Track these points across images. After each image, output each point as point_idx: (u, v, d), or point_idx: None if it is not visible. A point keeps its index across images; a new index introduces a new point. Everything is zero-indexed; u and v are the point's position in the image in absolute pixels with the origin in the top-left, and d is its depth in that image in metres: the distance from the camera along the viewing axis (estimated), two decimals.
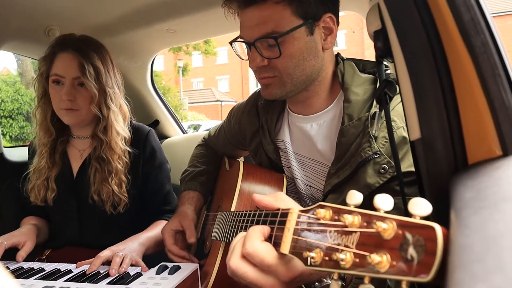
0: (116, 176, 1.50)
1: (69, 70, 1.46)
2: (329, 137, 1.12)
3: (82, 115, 1.50)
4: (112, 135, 1.51)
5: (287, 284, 0.66)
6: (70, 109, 1.47)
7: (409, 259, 0.43)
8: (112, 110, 1.52)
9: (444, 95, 0.58)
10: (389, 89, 0.79)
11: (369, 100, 1.05)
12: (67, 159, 1.60)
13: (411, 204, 0.45)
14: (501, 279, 0.23)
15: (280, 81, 1.07)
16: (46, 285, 1.10)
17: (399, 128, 0.97)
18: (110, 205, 1.51)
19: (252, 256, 0.65)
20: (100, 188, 1.50)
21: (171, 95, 20.12)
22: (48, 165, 1.54)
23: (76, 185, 1.57)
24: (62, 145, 1.59)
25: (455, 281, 0.27)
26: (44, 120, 1.54)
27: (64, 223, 1.59)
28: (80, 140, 1.61)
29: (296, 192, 1.22)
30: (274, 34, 1.00)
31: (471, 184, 0.46)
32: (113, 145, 1.51)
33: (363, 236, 0.50)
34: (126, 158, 1.54)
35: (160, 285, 1.05)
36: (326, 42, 1.07)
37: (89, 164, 1.55)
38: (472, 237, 0.31)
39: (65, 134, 1.60)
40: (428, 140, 0.61)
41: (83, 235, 1.57)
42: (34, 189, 1.55)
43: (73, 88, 1.47)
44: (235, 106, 1.48)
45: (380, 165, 0.97)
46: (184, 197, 1.45)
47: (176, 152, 2.28)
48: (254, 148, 1.32)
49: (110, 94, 1.52)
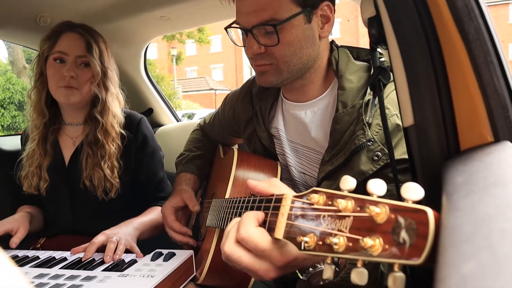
0: (109, 160, 1.51)
1: (74, 48, 1.47)
2: (323, 124, 1.12)
3: (81, 94, 1.49)
4: (108, 117, 1.52)
5: (281, 269, 0.67)
6: (70, 87, 1.47)
7: (401, 243, 0.44)
8: (110, 92, 1.54)
9: (438, 82, 0.58)
10: (383, 76, 0.80)
11: (363, 88, 1.05)
12: (58, 148, 1.59)
13: (403, 189, 0.45)
14: (489, 257, 0.23)
15: (277, 68, 1.06)
16: (41, 273, 1.11)
17: (392, 116, 0.97)
18: (101, 190, 1.51)
19: (246, 241, 0.65)
20: (92, 174, 1.50)
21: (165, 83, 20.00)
22: (40, 151, 1.54)
23: (68, 173, 1.57)
24: (53, 134, 1.58)
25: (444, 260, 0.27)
26: (38, 101, 1.54)
27: (57, 212, 1.59)
28: (72, 127, 1.60)
29: (290, 179, 1.23)
30: (272, 22, 1.00)
31: (462, 169, 0.47)
32: (108, 127, 1.52)
33: (356, 220, 0.51)
34: (119, 141, 1.55)
35: (155, 271, 1.06)
36: (323, 30, 1.07)
37: (80, 150, 1.55)
38: (462, 218, 0.31)
39: (56, 122, 1.60)
40: (421, 126, 0.62)
41: (77, 222, 1.57)
42: (28, 177, 1.54)
43: (76, 66, 1.48)
44: (229, 93, 1.48)
45: (374, 153, 0.97)
46: (180, 178, 1.45)
47: (170, 140, 2.27)
48: (248, 136, 1.32)
49: (110, 76, 1.55)
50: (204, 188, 1.54)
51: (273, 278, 0.68)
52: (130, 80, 2.34)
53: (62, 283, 1.01)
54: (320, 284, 0.79)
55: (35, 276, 1.08)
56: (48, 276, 1.08)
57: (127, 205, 1.61)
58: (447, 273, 0.25)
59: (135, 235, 1.38)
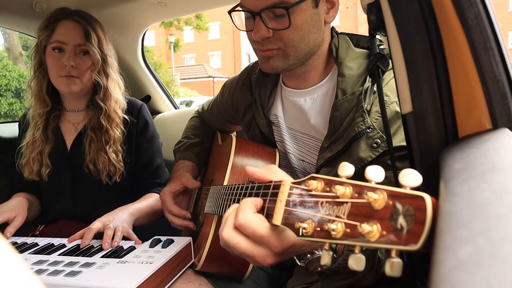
0: (114, 145, 1.52)
1: (72, 36, 1.46)
2: (323, 111, 1.12)
3: (82, 83, 1.50)
4: (111, 103, 1.53)
5: (279, 255, 0.68)
6: (71, 76, 1.47)
7: (399, 229, 0.44)
8: (111, 78, 1.55)
9: (436, 68, 0.58)
10: (382, 63, 0.79)
11: (363, 75, 1.05)
12: (60, 134, 1.59)
13: (401, 175, 0.45)
14: (485, 241, 0.23)
15: (284, 53, 1.05)
16: (40, 259, 1.12)
17: (392, 103, 0.97)
18: (105, 175, 1.52)
19: (244, 227, 0.66)
20: (96, 158, 1.51)
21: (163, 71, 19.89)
22: (41, 138, 1.54)
23: (70, 158, 1.57)
24: (54, 120, 1.59)
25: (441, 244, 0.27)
26: (39, 90, 1.54)
27: (57, 198, 1.59)
28: (73, 114, 1.61)
29: (289, 166, 1.23)
30: (283, 4, 0.98)
31: (460, 156, 0.47)
32: (112, 113, 1.52)
33: (354, 206, 0.51)
34: (122, 127, 1.56)
35: (153, 258, 1.07)
36: (329, 15, 1.06)
37: (83, 135, 1.55)
38: (459, 204, 0.32)
39: (57, 108, 1.60)
40: (420, 113, 0.62)
41: (78, 207, 1.58)
42: (29, 163, 1.55)
43: (75, 55, 1.47)
44: (228, 80, 1.47)
45: (373, 140, 0.98)
46: (179, 165, 1.45)
47: (168, 127, 2.27)
48: (247, 123, 1.32)
49: (110, 63, 1.55)
50: (202, 175, 1.54)
51: (271, 264, 0.69)
52: (127, 67, 2.32)
53: (61, 269, 1.02)
54: (318, 270, 0.80)
55: (34, 262, 1.09)
56: (47, 262, 1.09)
57: (128, 191, 1.62)
58: (444, 257, 0.25)
59: (130, 220, 1.39)
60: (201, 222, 1.30)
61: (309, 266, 0.78)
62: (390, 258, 0.46)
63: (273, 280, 1.28)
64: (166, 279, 1.06)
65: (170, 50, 22.58)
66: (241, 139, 1.25)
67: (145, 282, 0.95)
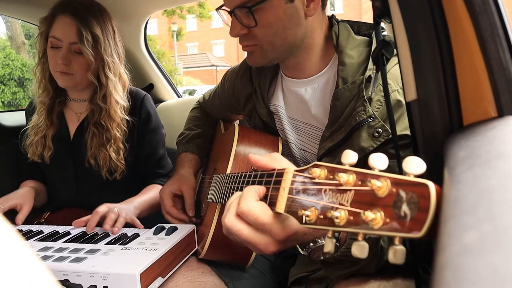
0: (114, 144, 1.52)
1: (67, 34, 1.44)
2: (324, 101, 1.11)
3: (76, 79, 1.49)
4: (111, 103, 1.51)
5: (281, 243, 0.68)
6: (65, 73, 1.47)
7: (402, 216, 0.44)
8: (110, 79, 1.51)
9: (442, 55, 0.57)
10: (386, 50, 0.78)
11: (364, 63, 1.04)
12: (64, 120, 1.61)
13: (405, 163, 0.45)
14: (491, 227, 0.23)
15: (261, 49, 1.06)
16: (45, 246, 1.13)
17: (393, 91, 0.97)
18: (106, 170, 1.53)
19: (246, 215, 0.66)
20: (97, 153, 1.52)
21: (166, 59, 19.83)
22: (46, 123, 1.56)
23: (73, 146, 1.58)
24: (59, 106, 1.60)
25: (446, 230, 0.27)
26: (43, 78, 1.55)
27: (61, 183, 1.61)
28: (76, 103, 1.61)
29: (291, 155, 1.23)
30: (249, 3, 0.98)
31: (465, 144, 0.47)
32: (112, 113, 1.51)
33: (357, 194, 0.51)
34: (124, 126, 1.55)
35: (157, 245, 1.07)
36: (309, 9, 1.03)
37: (86, 127, 1.56)
38: (464, 191, 0.31)
39: (62, 95, 1.61)
40: (424, 101, 0.61)
41: (80, 195, 1.59)
42: (32, 145, 1.57)
43: (70, 53, 1.46)
44: (229, 70, 1.46)
45: (374, 129, 0.97)
46: (182, 159, 1.46)
47: (172, 115, 2.27)
48: (248, 112, 1.32)
49: (108, 63, 1.50)
50: (205, 164, 1.54)
51: (273, 252, 0.69)
52: (130, 56, 2.31)
53: (66, 256, 1.03)
54: (321, 259, 0.80)
55: (39, 249, 1.10)
56: (53, 249, 1.10)
57: (131, 181, 1.62)
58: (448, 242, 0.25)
59: (135, 213, 1.40)
60: (204, 210, 1.30)
61: (312, 255, 0.78)
62: (394, 245, 0.46)
63: (275, 268, 1.29)
64: (169, 266, 1.07)
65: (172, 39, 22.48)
66: (243, 127, 1.25)
67: (149, 268, 0.96)
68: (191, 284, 1.11)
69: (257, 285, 1.20)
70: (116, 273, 0.93)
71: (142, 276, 0.93)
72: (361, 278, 0.90)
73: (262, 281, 1.22)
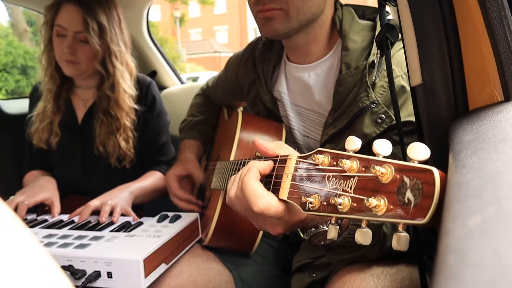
0: (124, 133, 1.53)
1: (72, 23, 1.43)
2: (327, 86, 1.10)
3: (82, 68, 1.49)
4: (119, 93, 1.51)
5: (289, 227, 0.70)
6: (71, 62, 1.46)
7: (406, 203, 0.44)
8: (117, 68, 1.51)
9: (448, 38, 0.56)
10: (391, 34, 0.77)
11: (368, 48, 1.03)
12: (71, 106, 1.61)
13: (409, 149, 0.45)
14: (496, 210, 0.23)
15: (286, 15, 1.02)
16: (50, 233, 1.13)
17: (397, 77, 0.96)
18: (115, 158, 1.54)
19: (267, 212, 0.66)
20: (106, 140, 1.52)
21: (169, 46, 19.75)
22: (53, 109, 1.56)
23: (81, 132, 1.59)
24: (66, 92, 1.60)
25: (450, 215, 0.27)
26: (49, 66, 1.54)
27: (67, 170, 1.61)
28: (83, 90, 1.61)
29: (294, 142, 1.23)
30: None
31: (470, 128, 0.46)
32: (121, 102, 1.51)
33: (361, 180, 0.51)
34: (133, 115, 1.55)
35: (161, 232, 1.08)
36: None
37: (94, 114, 1.56)
38: (469, 175, 0.31)
39: (69, 81, 1.61)
40: (430, 85, 0.60)
41: (87, 183, 1.60)
42: (38, 131, 1.57)
43: (75, 41, 1.45)
44: (232, 56, 1.45)
45: (377, 115, 0.96)
46: (184, 145, 1.46)
47: (175, 102, 2.26)
48: (251, 99, 1.31)
49: (115, 52, 1.50)
50: (208, 150, 1.54)
51: (280, 234, 0.71)
52: (132, 42, 2.29)
53: (70, 242, 1.04)
54: (322, 244, 0.80)
55: (44, 236, 1.11)
56: (57, 236, 1.11)
57: (139, 172, 1.63)
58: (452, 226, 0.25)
59: (130, 199, 1.41)
60: (207, 197, 1.31)
61: (313, 240, 0.79)
62: (397, 232, 0.46)
63: (279, 255, 1.30)
64: (173, 253, 1.08)
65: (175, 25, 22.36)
66: (247, 114, 1.24)
67: (152, 255, 0.97)
68: (195, 270, 1.12)
69: (261, 272, 1.20)
70: (119, 259, 0.93)
71: (146, 262, 0.94)
72: (364, 264, 0.90)
73: (266, 267, 1.23)
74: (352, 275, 0.88)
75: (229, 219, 1.10)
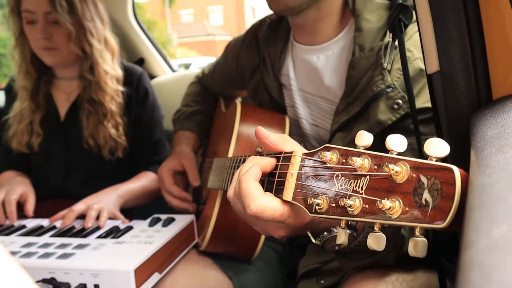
0: (112, 118, 1.52)
1: (39, 4, 1.42)
2: (338, 70, 1.10)
3: (63, 54, 1.48)
4: (100, 74, 1.50)
5: (293, 230, 0.70)
6: (49, 48, 1.45)
7: (423, 204, 0.44)
8: (94, 47, 1.50)
9: (468, 20, 0.56)
10: (404, 15, 0.77)
11: (384, 29, 1.02)
12: (52, 101, 1.60)
13: (427, 145, 0.45)
14: None
15: None
16: (28, 242, 1.13)
17: (416, 59, 0.95)
18: (108, 150, 1.53)
19: (261, 215, 0.65)
20: (95, 132, 1.52)
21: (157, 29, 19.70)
22: (31, 108, 1.55)
23: (64, 129, 1.58)
24: (45, 86, 1.59)
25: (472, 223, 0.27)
26: (23, 61, 1.53)
27: (48, 171, 1.61)
28: (66, 82, 1.60)
29: (300, 134, 1.23)
30: None
31: (494, 121, 0.46)
32: (102, 85, 1.50)
33: (373, 180, 0.50)
34: (119, 98, 1.54)
35: (153, 238, 1.08)
36: None
37: (79, 106, 1.55)
38: (493, 176, 0.31)
39: (48, 74, 1.59)
40: (448, 72, 0.60)
41: (70, 184, 1.59)
42: (17, 135, 1.56)
43: (48, 25, 1.44)
44: (232, 40, 1.45)
45: (394, 100, 0.96)
46: (179, 137, 1.45)
47: (166, 93, 2.25)
48: (253, 87, 1.31)
49: (90, 28, 1.49)
50: (204, 146, 1.54)
51: (283, 237, 0.71)
52: (116, 27, 2.28)
53: (52, 252, 1.04)
54: (335, 249, 0.80)
55: (22, 245, 1.11)
56: (37, 245, 1.11)
57: (124, 168, 1.63)
58: (475, 237, 0.25)
59: (118, 203, 1.41)
60: (204, 198, 1.31)
61: (326, 245, 0.79)
62: (414, 236, 0.46)
63: (284, 260, 1.30)
64: (167, 261, 1.08)
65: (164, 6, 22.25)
66: (246, 105, 1.24)
67: (144, 264, 0.97)
68: (192, 279, 1.12)
69: (264, 279, 1.21)
70: (108, 270, 0.94)
71: (137, 272, 0.94)
72: (379, 270, 0.90)
73: (269, 274, 1.23)
74: (364, 282, 0.88)
75: (228, 221, 1.10)
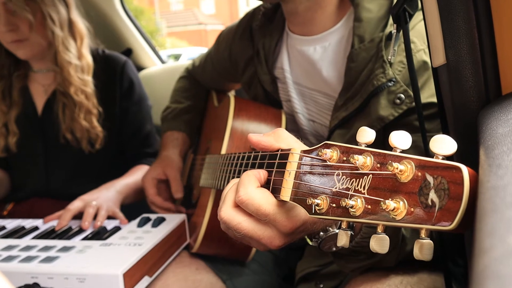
0: (81, 111, 1.50)
1: None
2: (336, 62, 1.10)
3: (33, 45, 1.46)
4: (62, 64, 1.48)
5: (288, 236, 0.68)
6: (18, 41, 1.44)
7: (429, 205, 0.44)
8: (56, 34, 1.47)
9: (477, 10, 0.56)
10: (409, 5, 0.77)
11: (384, 18, 1.02)
12: (28, 95, 1.58)
13: (432, 142, 0.45)
14: None
15: None
16: (9, 244, 1.13)
17: (419, 51, 0.95)
18: (87, 142, 1.52)
19: (246, 204, 0.65)
20: (72, 125, 1.51)
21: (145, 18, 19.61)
22: (3, 108, 1.53)
23: (42, 124, 1.57)
24: (19, 81, 1.57)
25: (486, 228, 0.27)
26: None
27: (28, 170, 1.60)
28: (42, 74, 1.59)
29: (297, 130, 1.22)
30: None
31: (505, 118, 0.46)
32: (66, 75, 1.48)
33: (376, 179, 0.50)
34: (89, 88, 1.52)
35: (142, 239, 1.08)
36: None
37: (55, 99, 1.54)
38: (506, 177, 0.31)
39: (21, 67, 1.58)
40: (455, 66, 0.60)
41: (52, 182, 1.58)
42: None
43: (9, 15, 1.41)
44: (224, 30, 1.44)
45: (396, 95, 0.96)
46: (167, 138, 1.45)
47: (154, 86, 2.25)
48: (247, 79, 1.30)
49: (50, 14, 1.46)
50: (196, 142, 1.54)
51: (279, 247, 0.69)
52: (101, 15, 2.28)
53: (35, 255, 1.03)
54: (332, 251, 0.80)
55: (2, 248, 1.10)
56: (18, 248, 1.10)
57: (111, 164, 1.62)
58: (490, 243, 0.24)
59: (118, 199, 1.40)
60: (195, 196, 1.31)
61: (323, 246, 0.79)
62: (419, 239, 0.46)
63: (280, 262, 1.30)
64: (157, 263, 1.08)
65: None
66: (240, 99, 1.24)
67: (133, 267, 0.97)
68: (183, 283, 1.12)
69: (259, 282, 1.21)
70: (94, 274, 0.93)
71: (126, 277, 0.93)
72: (380, 272, 0.91)
73: (265, 277, 1.23)
74: (367, 285, 0.88)
75: None
